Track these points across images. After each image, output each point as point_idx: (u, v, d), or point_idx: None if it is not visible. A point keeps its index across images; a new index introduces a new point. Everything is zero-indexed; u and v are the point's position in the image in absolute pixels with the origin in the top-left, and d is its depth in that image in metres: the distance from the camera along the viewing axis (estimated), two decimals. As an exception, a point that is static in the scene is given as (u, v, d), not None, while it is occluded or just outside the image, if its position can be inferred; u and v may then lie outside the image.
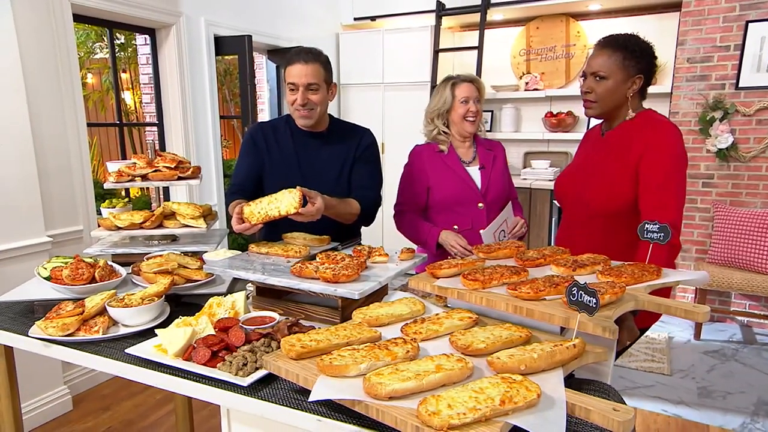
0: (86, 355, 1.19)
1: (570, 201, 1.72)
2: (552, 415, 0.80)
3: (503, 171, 2.09)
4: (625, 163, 1.53)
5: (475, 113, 1.98)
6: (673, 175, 1.47)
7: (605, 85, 1.53)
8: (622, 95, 1.55)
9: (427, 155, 2.06)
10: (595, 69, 1.55)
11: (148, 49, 3.39)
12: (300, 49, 1.76)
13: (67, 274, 1.42)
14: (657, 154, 1.48)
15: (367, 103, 4.76)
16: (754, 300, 3.63)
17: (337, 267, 1.28)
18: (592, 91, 1.56)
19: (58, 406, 2.57)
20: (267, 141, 1.86)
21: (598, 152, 1.66)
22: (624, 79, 1.53)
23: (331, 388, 0.87)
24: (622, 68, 1.52)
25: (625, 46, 1.52)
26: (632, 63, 1.51)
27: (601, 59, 1.54)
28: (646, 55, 1.53)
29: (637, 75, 1.53)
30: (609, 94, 1.54)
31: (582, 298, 0.97)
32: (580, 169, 1.72)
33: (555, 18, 4.27)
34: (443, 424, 0.75)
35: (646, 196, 1.48)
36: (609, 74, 1.52)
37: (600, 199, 1.58)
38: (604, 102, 1.56)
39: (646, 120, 1.55)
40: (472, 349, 0.98)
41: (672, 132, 1.50)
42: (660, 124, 1.53)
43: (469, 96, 1.96)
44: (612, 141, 1.61)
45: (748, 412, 2.58)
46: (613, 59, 1.52)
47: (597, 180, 1.60)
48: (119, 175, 1.70)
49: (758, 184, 3.52)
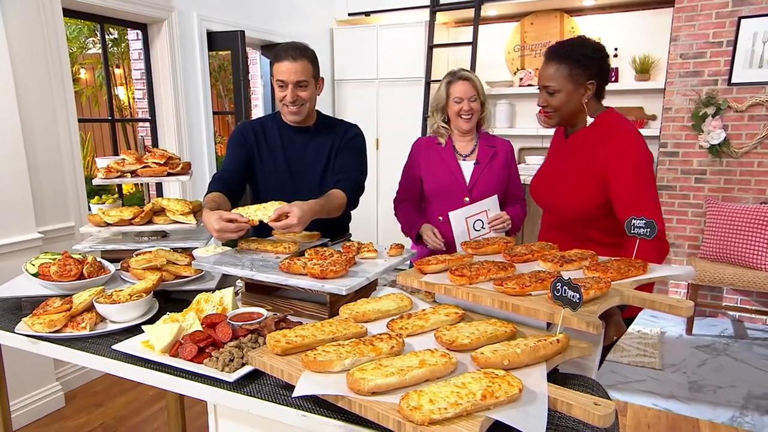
0: (73, 352, 1.19)
1: (544, 204, 1.75)
2: (533, 409, 0.81)
3: (502, 169, 2.05)
4: (591, 170, 1.54)
5: (469, 111, 1.97)
6: (642, 180, 1.47)
7: (558, 98, 1.53)
8: (578, 103, 1.54)
9: (425, 147, 2.09)
10: (545, 83, 1.55)
11: (139, 44, 3.36)
12: (288, 45, 1.76)
13: (55, 271, 1.41)
14: (623, 163, 1.48)
15: (362, 99, 4.75)
16: (746, 295, 3.65)
17: (325, 263, 1.29)
18: (547, 105, 1.57)
19: (51, 402, 2.57)
20: (256, 137, 1.87)
21: (563, 155, 1.67)
22: (575, 89, 1.52)
23: (315, 384, 0.88)
24: (570, 79, 1.51)
25: (569, 56, 1.51)
26: (580, 71, 1.50)
27: (548, 73, 1.54)
28: (594, 60, 1.52)
29: (588, 82, 1.52)
30: (563, 105, 1.54)
31: (566, 294, 0.98)
32: (549, 172, 1.74)
33: (549, 13, 4.27)
34: (424, 419, 0.76)
35: (621, 204, 1.48)
36: (559, 87, 1.52)
37: (570, 204, 1.60)
38: (561, 112, 1.56)
39: (607, 125, 1.55)
40: (456, 345, 0.98)
41: (633, 136, 1.51)
42: (621, 130, 1.53)
43: (462, 95, 1.96)
44: (576, 145, 1.62)
45: (738, 405, 2.61)
46: (561, 72, 1.51)
47: (565, 185, 1.62)
48: (108, 171, 1.69)
49: (750, 180, 3.53)
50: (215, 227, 1.42)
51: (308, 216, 1.46)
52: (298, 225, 1.42)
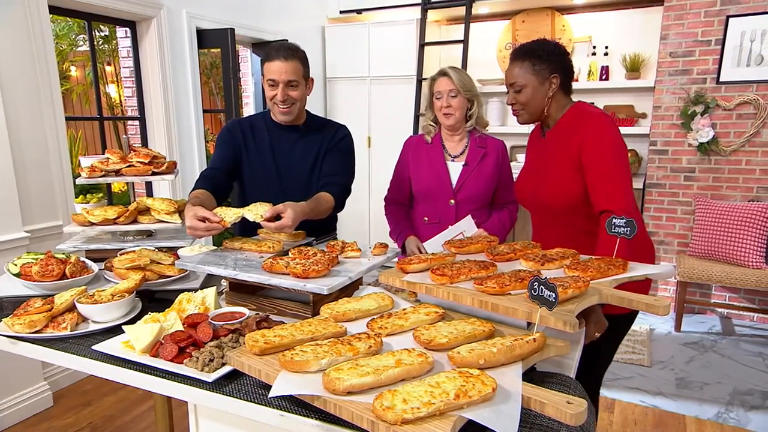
0: (53, 352, 1.19)
1: (529, 204, 1.78)
2: (507, 408, 0.81)
3: (492, 170, 1.99)
4: (568, 160, 1.59)
5: (448, 107, 1.94)
6: (614, 163, 1.51)
7: (525, 94, 1.61)
8: (544, 97, 1.61)
9: (414, 146, 2.08)
10: (511, 81, 1.63)
11: (128, 41, 3.34)
12: (279, 45, 1.78)
13: (37, 271, 1.40)
14: (595, 147, 1.53)
15: (354, 97, 4.74)
16: (734, 292, 3.68)
17: (308, 262, 1.29)
18: (516, 102, 1.64)
19: (39, 402, 2.56)
20: (244, 135, 1.88)
21: (542, 152, 1.71)
22: (540, 83, 1.60)
23: (291, 384, 0.88)
24: (533, 74, 1.59)
25: (530, 53, 1.59)
26: (542, 66, 1.58)
27: (513, 71, 1.62)
28: (554, 54, 1.59)
29: (552, 75, 1.59)
30: (530, 100, 1.61)
31: (542, 293, 0.98)
32: (530, 172, 1.77)
33: (540, 12, 4.27)
34: (397, 419, 0.76)
35: (594, 188, 1.53)
36: (525, 83, 1.60)
37: (554, 198, 1.63)
38: (529, 108, 1.63)
39: (579, 114, 1.61)
40: (434, 344, 0.99)
41: (605, 122, 1.56)
42: (593, 116, 1.59)
43: (441, 90, 1.95)
44: (552, 140, 1.67)
45: (724, 402, 2.63)
46: (524, 68, 1.60)
47: (547, 180, 1.65)
48: (92, 170, 1.68)
49: (738, 178, 3.56)
50: (187, 224, 1.44)
51: (299, 218, 1.48)
52: (291, 226, 1.45)
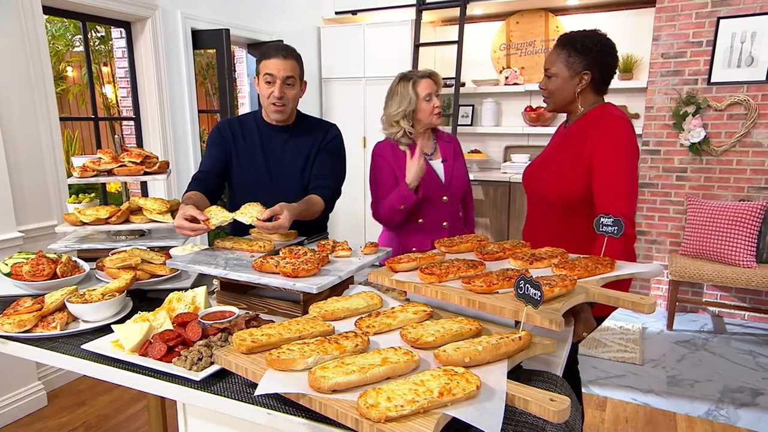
0: (43, 352, 1.19)
1: (530, 192, 1.77)
2: (491, 406, 0.82)
3: (463, 161, 2.14)
4: (579, 157, 1.57)
5: (439, 107, 2.00)
6: (624, 167, 1.50)
7: (554, 82, 1.59)
8: (571, 91, 1.59)
9: (391, 151, 2.06)
10: (546, 66, 1.61)
11: (123, 42, 3.34)
12: (277, 44, 1.81)
13: (27, 270, 1.41)
14: (608, 148, 1.51)
15: (349, 97, 4.75)
16: (725, 291, 3.71)
17: (298, 261, 1.29)
18: (546, 88, 1.63)
19: (33, 401, 2.56)
20: (234, 134, 1.88)
21: (559, 144, 1.71)
22: (570, 76, 1.57)
23: (277, 382, 0.89)
24: (566, 65, 1.57)
25: (570, 44, 1.56)
26: (576, 60, 1.55)
27: (550, 57, 1.60)
28: (593, 51, 1.55)
29: (583, 71, 1.56)
30: (558, 90, 1.60)
31: (528, 291, 0.99)
32: (543, 159, 1.77)
33: (534, 13, 4.29)
34: (380, 417, 0.77)
35: (599, 188, 1.52)
36: (556, 72, 1.59)
37: (554, 190, 1.63)
38: (555, 98, 1.62)
39: (600, 114, 1.59)
40: (420, 342, 1.00)
41: (623, 125, 1.54)
42: (611, 118, 1.56)
43: (431, 91, 1.98)
44: (570, 135, 1.65)
45: (714, 399, 2.65)
46: (560, 57, 1.57)
47: (552, 172, 1.65)
48: (84, 170, 1.68)
49: (729, 178, 3.58)
50: (174, 223, 1.47)
51: (293, 218, 1.53)
52: (287, 227, 1.50)
